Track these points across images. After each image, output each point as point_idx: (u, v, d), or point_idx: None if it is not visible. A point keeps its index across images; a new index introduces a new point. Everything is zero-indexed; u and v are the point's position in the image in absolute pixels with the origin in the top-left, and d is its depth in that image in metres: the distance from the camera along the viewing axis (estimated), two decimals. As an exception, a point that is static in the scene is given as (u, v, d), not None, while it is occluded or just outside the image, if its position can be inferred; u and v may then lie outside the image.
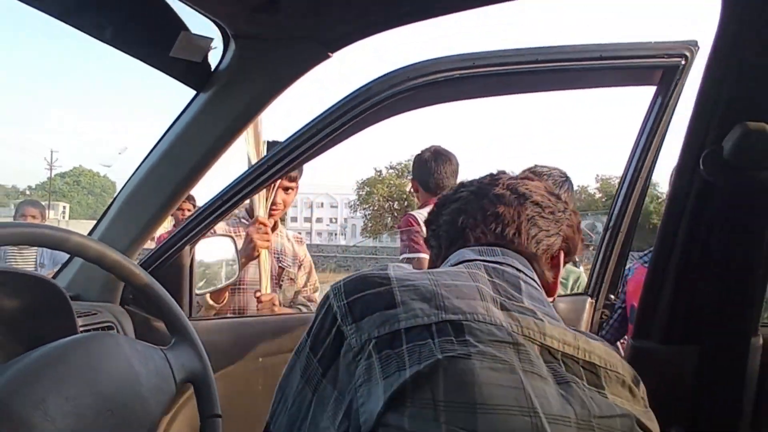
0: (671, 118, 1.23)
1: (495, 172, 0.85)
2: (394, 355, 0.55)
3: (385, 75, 1.09)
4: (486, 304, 0.60)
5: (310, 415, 0.60)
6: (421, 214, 1.95)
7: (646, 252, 1.88)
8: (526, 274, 0.70)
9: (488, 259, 0.70)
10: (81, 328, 0.99)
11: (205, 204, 1.19)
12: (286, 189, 1.83)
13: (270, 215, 1.74)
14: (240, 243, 1.59)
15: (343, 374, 0.58)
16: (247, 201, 1.66)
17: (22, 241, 0.74)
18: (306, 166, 1.60)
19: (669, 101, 1.21)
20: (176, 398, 0.85)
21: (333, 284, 0.64)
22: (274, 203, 1.77)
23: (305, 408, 0.61)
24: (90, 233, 1.19)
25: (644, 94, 1.28)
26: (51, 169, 44.19)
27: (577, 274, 2.05)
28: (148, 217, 1.16)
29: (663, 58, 1.17)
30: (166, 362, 0.83)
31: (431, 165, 2.03)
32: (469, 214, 0.78)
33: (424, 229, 1.91)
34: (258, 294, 1.69)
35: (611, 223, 1.43)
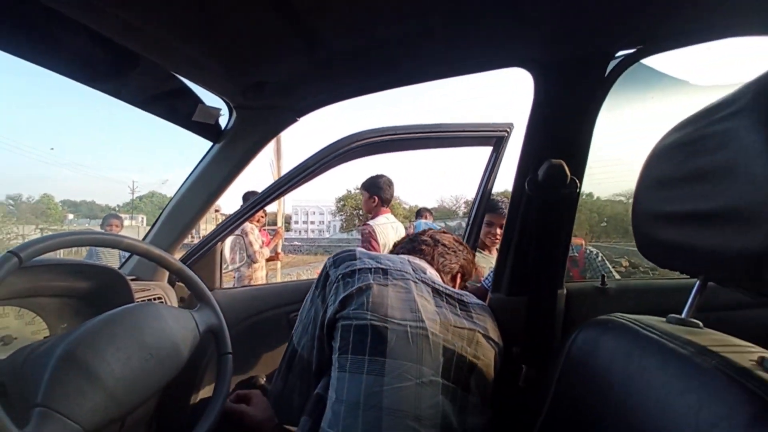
0: (500, 163, 1.62)
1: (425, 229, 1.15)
2: (350, 281, 0.75)
3: (343, 138, 1.42)
4: (405, 265, 0.83)
5: (312, 315, 0.81)
6: (377, 225, 2.60)
7: None
8: (431, 273, 0.95)
9: (416, 262, 0.95)
10: (138, 299, 1.06)
11: (228, 218, 1.46)
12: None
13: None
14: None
15: (327, 294, 0.78)
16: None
17: (91, 243, 0.80)
18: (303, 187, 2.06)
19: (499, 155, 1.59)
20: (200, 344, 0.91)
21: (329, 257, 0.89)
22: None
23: (310, 313, 0.81)
24: (145, 237, 1.37)
25: (485, 151, 1.69)
26: (133, 193, 61.75)
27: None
28: (183, 225, 1.34)
29: (495, 131, 1.54)
30: (192, 319, 0.88)
31: (387, 187, 2.90)
32: (408, 250, 1.08)
33: (377, 233, 2.83)
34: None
35: (469, 225, 1.93)
